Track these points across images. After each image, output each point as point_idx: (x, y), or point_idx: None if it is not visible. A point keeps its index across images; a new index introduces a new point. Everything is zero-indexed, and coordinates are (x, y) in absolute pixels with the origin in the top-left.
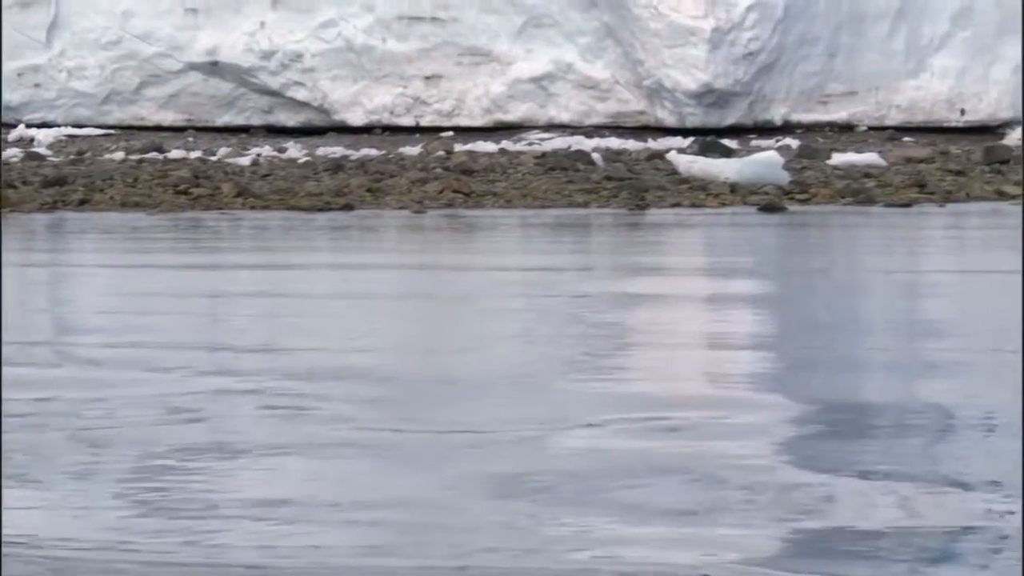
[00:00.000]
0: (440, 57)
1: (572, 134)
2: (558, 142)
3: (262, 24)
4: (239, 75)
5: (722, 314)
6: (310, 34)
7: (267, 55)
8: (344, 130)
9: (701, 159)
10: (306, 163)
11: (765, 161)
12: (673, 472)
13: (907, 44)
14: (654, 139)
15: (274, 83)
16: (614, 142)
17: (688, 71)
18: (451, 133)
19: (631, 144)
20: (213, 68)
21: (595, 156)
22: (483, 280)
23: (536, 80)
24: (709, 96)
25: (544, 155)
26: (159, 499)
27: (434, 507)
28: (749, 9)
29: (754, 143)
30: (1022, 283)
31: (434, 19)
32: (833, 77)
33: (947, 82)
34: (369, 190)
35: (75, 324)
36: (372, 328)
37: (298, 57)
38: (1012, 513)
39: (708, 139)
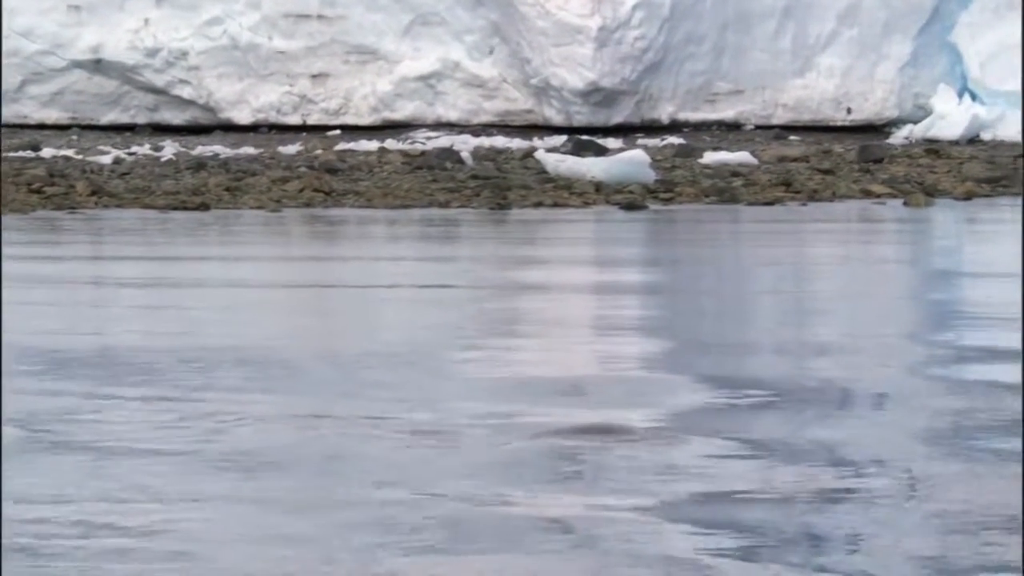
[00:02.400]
0: (327, 55)
1: (460, 133)
2: (444, 141)
3: (146, 21)
4: (123, 73)
5: (569, 301)
6: (195, 32)
7: (152, 53)
8: (230, 128)
9: (570, 158)
10: (168, 162)
11: (632, 160)
12: (559, 440)
13: (793, 43)
14: (540, 138)
15: (159, 81)
16: (500, 141)
17: (575, 70)
18: (338, 132)
19: (517, 143)
20: (97, 66)
21: (464, 155)
22: (329, 273)
23: (423, 78)
24: (596, 95)
25: (421, 154)
26: None
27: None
28: (635, 8)
29: (640, 142)
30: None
31: (320, 17)
32: (720, 76)
33: (833, 81)
34: (227, 189)
35: None
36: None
37: (183, 55)
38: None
39: (582, 138)
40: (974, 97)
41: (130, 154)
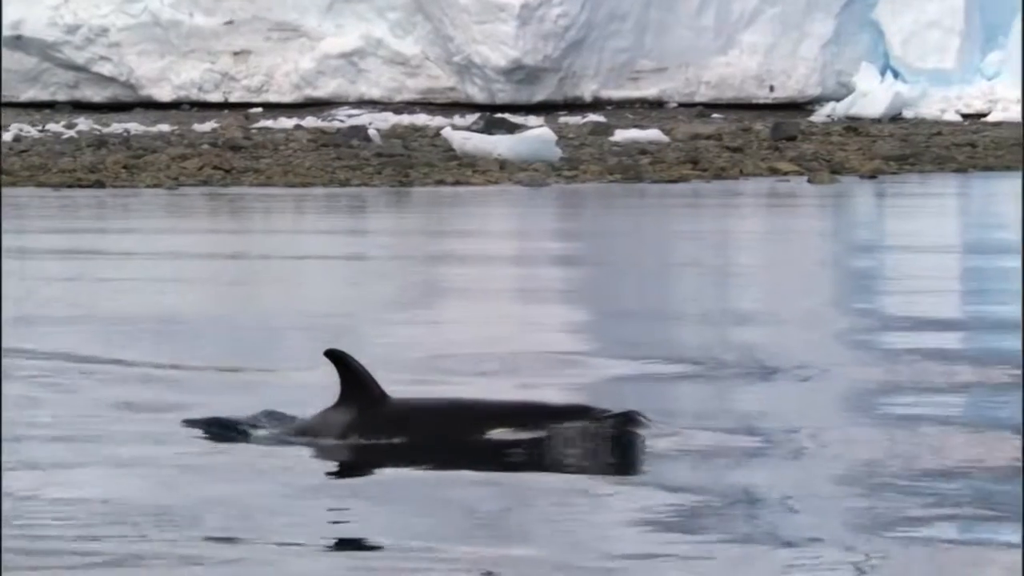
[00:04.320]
0: (249, 32)
1: (382, 110)
2: (365, 118)
3: None
4: (43, 49)
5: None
6: (116, 8)
7: (72, 29)
8: (151, 106)
9: (476, 136)
10: (69, 139)
11: (538, 138)
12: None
13: (716, 20)
14: (462, 116)
15: (79, 58)
16: (422, 119)
17: (497, 47)
18: (260, 109)
19: (438, 121)
20: (16, 42)
21: (372, 132)
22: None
23: (346, 56)
24: (519, 72)
25: (337, 131)
26: None
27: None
28: None
29: (563, 120)
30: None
31: None
32: (643, 53)
33: (756, 59)
34: (125, 166)
35: None
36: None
37: (104, 31)
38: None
39: (494, 115)
40: (896, 75)
41: (42, 131)
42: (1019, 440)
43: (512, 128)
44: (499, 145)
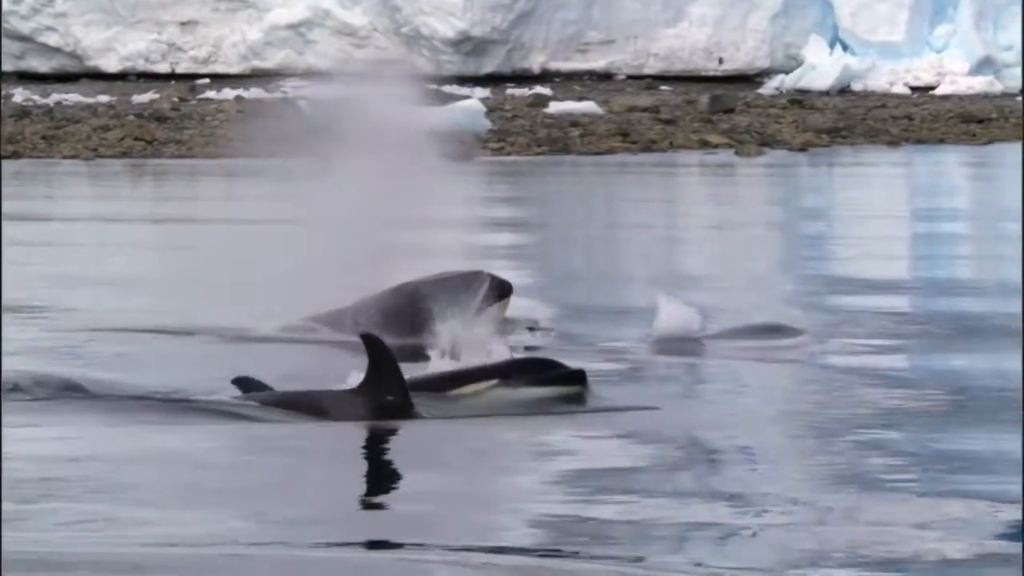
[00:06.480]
0: (196, 2)
1: (329, 82)
2: (309, 90)
3: None
4: None
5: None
6: None
7: None
8: (99, 76)
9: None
10: None
11: (467, 110)
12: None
13: None
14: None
15: (25, 28)
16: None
17: (445, 18)
18: (207, 80)
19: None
20: None
21: (302, 104)
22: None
23: (294, 27)
24: (467, 44)
25: (287, 103)
26: None
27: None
28: None
29: (510, 91)
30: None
31: None
32: (591, 25)
33: (705, 30)
34: (44, 137)
35: None
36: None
37: (50, 1)
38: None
39: (428, 86)
40: (845, 47)
41: None
42: (953, 395)
43: (446, 99)
44: (428, 117)
